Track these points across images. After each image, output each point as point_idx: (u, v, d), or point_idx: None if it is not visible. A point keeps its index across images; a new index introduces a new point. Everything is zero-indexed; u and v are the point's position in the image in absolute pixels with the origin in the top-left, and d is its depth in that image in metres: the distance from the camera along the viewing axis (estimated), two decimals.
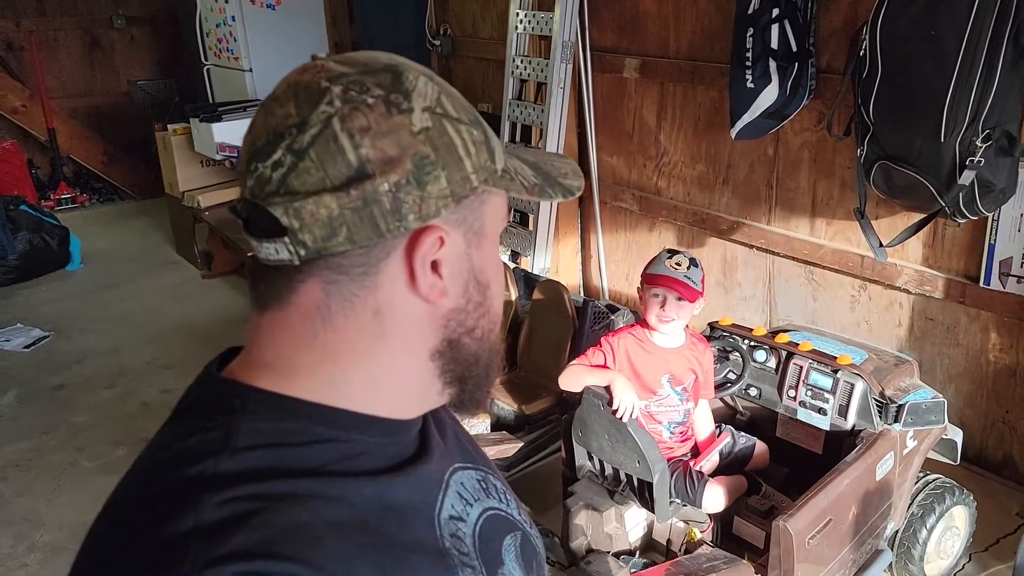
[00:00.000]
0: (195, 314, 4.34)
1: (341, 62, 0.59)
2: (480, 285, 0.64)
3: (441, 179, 0.58)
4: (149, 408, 3.42)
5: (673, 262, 1.97)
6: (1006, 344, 2.52)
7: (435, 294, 0.61)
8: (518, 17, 3.58)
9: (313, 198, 0.55)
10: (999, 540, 2.32)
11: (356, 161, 0.55)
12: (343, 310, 0.59)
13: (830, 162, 2.80)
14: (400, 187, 0.56)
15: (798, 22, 2.61)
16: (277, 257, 0.57)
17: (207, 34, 5.27)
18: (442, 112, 0.59)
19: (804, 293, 3.04)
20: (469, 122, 0.61)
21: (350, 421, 0.62)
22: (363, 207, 0.56)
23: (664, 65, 3.25)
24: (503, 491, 0.75)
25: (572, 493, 2.11)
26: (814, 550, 1.76)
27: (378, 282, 0.59)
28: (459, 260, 0.62)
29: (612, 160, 3.63)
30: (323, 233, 0.56)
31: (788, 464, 2.23)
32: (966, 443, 2.27)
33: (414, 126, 0.57)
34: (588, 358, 2.04)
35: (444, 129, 0.58)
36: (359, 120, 0.56)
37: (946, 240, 2.57)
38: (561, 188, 0.66)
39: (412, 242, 0.58)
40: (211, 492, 0.54)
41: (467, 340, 0.64)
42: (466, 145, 0.59)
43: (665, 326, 1.99)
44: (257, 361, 0.62)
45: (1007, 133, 2.09)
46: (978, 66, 2.01)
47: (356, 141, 0.55)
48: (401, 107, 0.57)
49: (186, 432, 0.60)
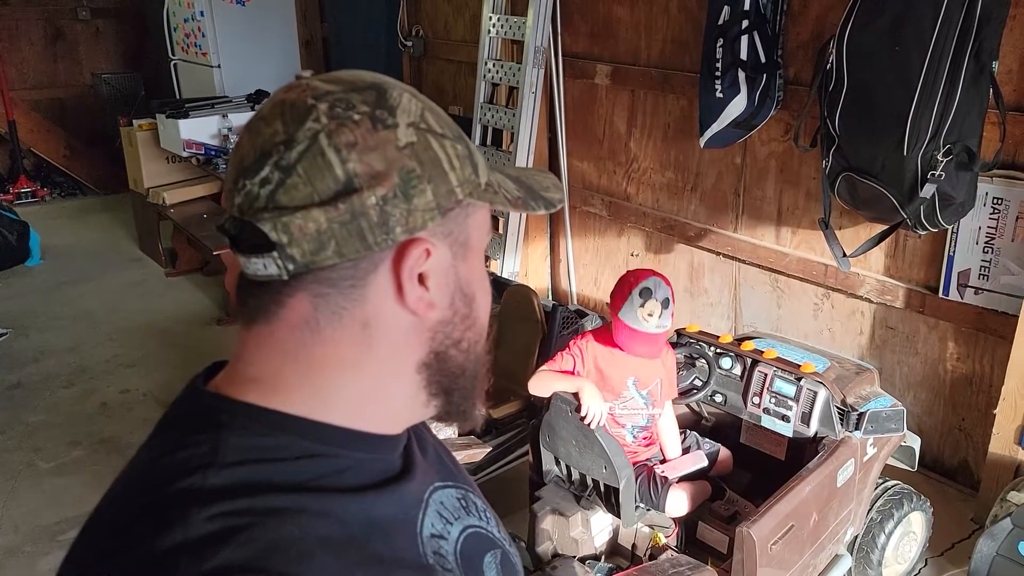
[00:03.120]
0: (158, 312, 4.27)
1: (326, 80, 0.60)
2: (466, 297, 0.65)
3: (427, 192, 0.59)
4: (108, 408, 3.35)
5: (646, 312, 1.89)
6: (963, 353, 2.58)
7: (422, 306, 0.61)
8: (491, 21, 3.59)
9: (301, 212, 0.56)
10: (954, 545, 2.37)
11: (344, 176, 0.56)
12: (331, 323, 0.60)
13: (796, 172, 2.84)
14: (387, 200, 0.57)
15: (767, 34, 2.65)
16: (266, 272, 0.58)
17: (175, 28, 5.20)
18: (426, 127, 0.60)
19: (769, 300, 3.08)
20: (453, 137, 0.62)
21: (337, 436, 0.62)
22: (351, 220, 0.56)
23: (635, 72, 3.28)
24: (483, 509, 0.75)
25: (539, 498, 2.11)
26: (776, 555, 1.78)
27: (366, 295, 0.60)
28: (446, 272, 0.62)
29: (582, 165, 3.65)
30: (312, 247, 0.56)
31: (752, 470, 2.26)
32: (923, 450, 2.32)
33: (400, 141, 0.58)
34: (557, 362, 2.04)
35: (429, 144, 0.59)
36: (346, 136, 0.56)
37: (907, 251, 2.63)
38: (543, 201, 0.68)
39: (399, 254, 0.59)
40: (199, 507, 0.54)
41: (454, 352, 0.65)
42: (450, 159, 0.60)
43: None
44: (244, 375, 0.62)
45: (967, 148, 2.15)
46: (940, 82, 2.06)
47: (343, 156, 0.56)
48: (386, 123, 0.58)
49: (172, 446, 0.60)
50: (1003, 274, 2.39)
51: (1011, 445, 2.39)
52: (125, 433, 3.12)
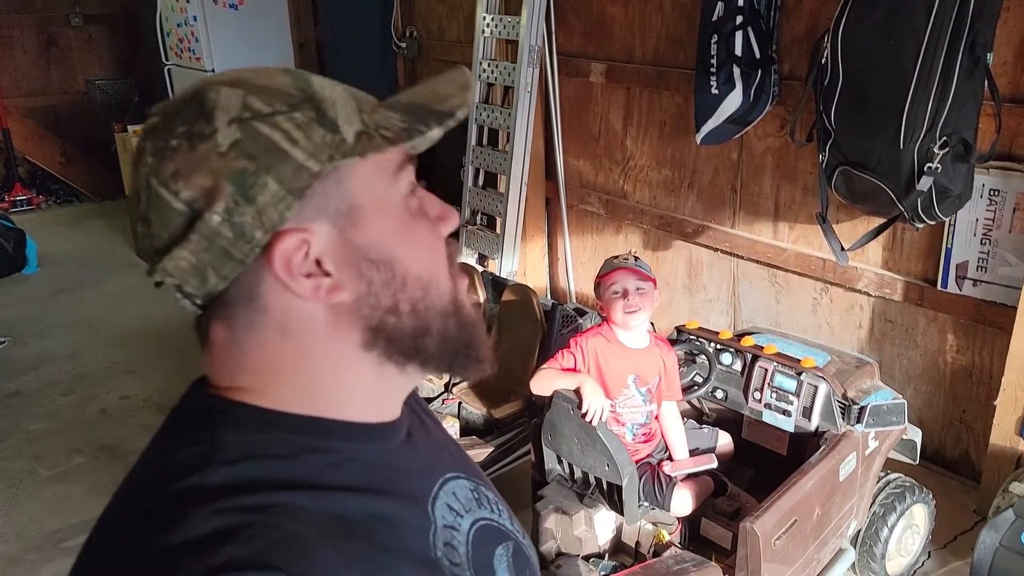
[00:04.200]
0: (156, 318, 4.25)
1: (157, 111, 0.60)
2: (378, 263, 0.61)
3: (269, 184, 0.56)
4: (108, 415, 3.35)
5: (620, 259, 2.04)
6: (963, 345, 2.59)
7: (323, 293, 0.59)
8: (485, 21, 3.58)
9: (168, 256, 0.58)
10: (957, 537, 2.38)
11: (183, 207, 0.57)
12: (251, 339, 0.61)
13: (793, 167, 2.84)
14: (231, 211, 0.56)
15: (761, 29, 2.65)
16: (191, 308, 0.62)
17: (168, 34, 5.18)
18: (251, 114, 0.57)
19: (768, 296, 3.09)
20: (288, 108, 0.58)
21: (332, 429, 0.62)
22: (210, 245, 0.57)
23: (630, 70, 3.28)
24: (495, 501, 0.75)
25: (541, 497, 2.11)
26: (780, 550, 1.79)
27: (266, 304, 0.60)
28: (338, 248, 0.59)
29: (579, 164, 3.65)
30: (196, 280, 0.58)
31: (753, 465, 2.27)
32: (925, 442, 2.32)
33: (220, 146, 0.56)
34: (558, 361, 2.04)
35: (256, 132, 0.56)
36: (168, 167, 0.57)
37: (905, 244, 2.63)
38: (437, 116, 0.61)
39: (270, 255, 0.58)
40: (200, 505, 0.55)
41: (392, 320, 0.62)
42: (289, 135, 0.57)
43: (632, 318, 2.00)
44: (229, 383, 0.64)
45: (963, 140, 2.15)
46: (935, 75, 2.06)
47: (173, 188, 0.57)
48: (204, 133, 0.56)
49: (172, 446, 0.61)
50: (1001, 265, 2.40)
51: (1012, 436, 2.40)
52: (126, 439, 3.12)
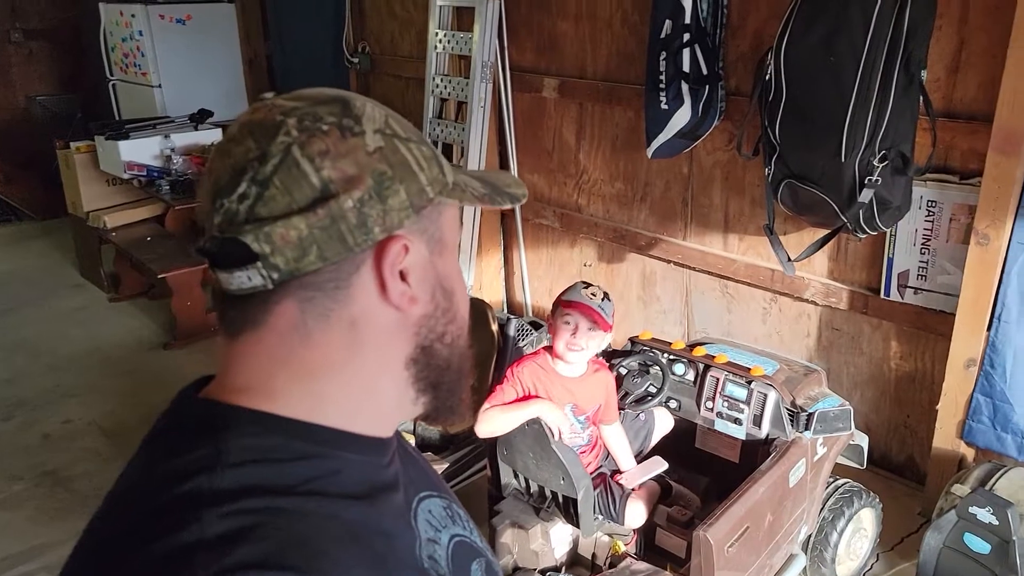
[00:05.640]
0: (102, 339, 4.15)
1: (290, 99, 0.63)
2: (446, 291, 0.68)
3: (400, 192, 0.62)
4: (51, 440, 3.23)
5: (589, 292, 1.99)
6: (906, 352, 2.66)
7: (405, 301, 0.64)
8: (437, 36, 3.60)
9: (282, 221, 0.58)
10: (903, 539, 2.43)
11: (319, 183, 0.59)
12: (320, 325, 0.62)
13: (741, 180, 2.91)
14: (364, 202, 0.60)
15: (708, 47, 2.71)
16: (250, 284, 0.60)
17: (112, 48, 5.09)
18: (392, 133, 0.63)
19: (719, 306, 3.14)
20: (418, 140, 0.65)
21: (330, 437, 0.64)
22: (331, 225, 0.59)
23: (582, 85, 3.32)
24: (466, 519, 0.78)
25: (498, 512, 2.11)
26: (733, 557, 1.81)
27: (351, 295, 0.62)
28: (424, 267, 0.65)
29: (533, 178, 3.67)
30: (295, 254, 0.59)
31: (708, 474, 2.30)
32: (871, 447, 2.38)
33: (368, 147, 0.61)
34: (499, 396, 2.01)
35: (396, 147, 0.63)
36: (317, 145, 0.59)
37: (849, 254, 2.71)
38: (508, 196, 0.72)
39: (380, 252, 0.62)
40: (210, 507, 0.55)
41: (439, 346, 0.68)
42: (418, 161, 0.64)
43: (572, 354, 1.97)
44: (234, 385, 0.64)
45: (901, 154, 2.22)
46: (874, 91, 2.14)
47: (317, 164, 0.59)
48: (354, 130, 0.61)
49: (169, 454, 0.60)
50: (940, 274, 2.48)
51: (954, 439, 2.47)
52: (69, 464, 3.01)
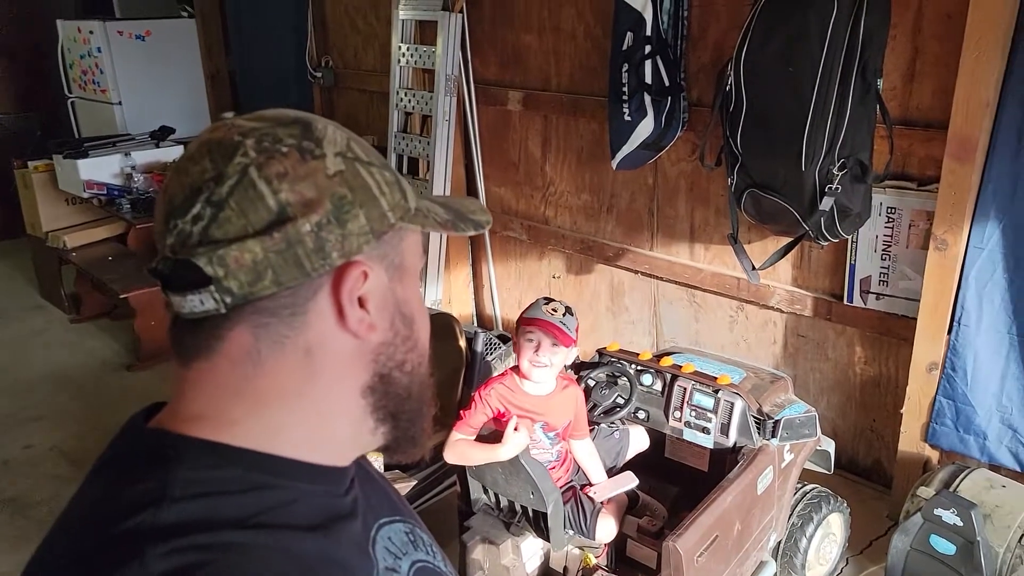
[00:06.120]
0: (63, 361, 4.05)
1: (250, 119, 0.62)
2: (405, 318, 0.66)
3: (360, 217, 0.61)
4: (10, 466, 3.14)
5: (550, 308, 1.98)
6: (870, 357, 2.70)
7: (363, 328, 0.63)
8: (400, 50, 3.59)
9: (237, 244, 0.57)
10: (872, 543, 2.46)
11: (276, 205, 0.57)
12: (274, 353, 0.61)
13: (705, 190, 2.93)
14: (322, 226, 0.59)
15: (669, 58, 2.73)
16: (203, 308, 0.58)
17: (71, 65, 5.01)
18: (353, 156, 0.62)
19: (687, 315, 3.16)
20: (380, 165, 0.64)
21: (286, 468, 0.62)
22: (287, 249, 0.58)
23: (546, 98, 3.33)
24: (429, 543, 0.76)
25: (468, 527, 2.09)
26: (703, 566, 1.81)
27: (307, 321, 0.61)
28: (384, 294, 0.64)
29: (500, 191, 3.67)
30: (249, 278, 0.57)
31: (678, 483, 2.30)
32: (838, 452, 2.40)
33: (328, 170, 0.60)
34: (467, 420, 2.00)
35: (357, 171, 0.62)
36: (275, 167, 0.58)
37: (812, 262, 2.74)
38: (472, 223, 0.71)
39: (338, 278, 0.60)
40: (153, 544, 0.53)
41: (397, 374, 0.66)
42: (379, 185, 0.63)
43: (537, 372, 1.96)
44: (187, 414, 0.62)
45: (860, 162, 2.26)
46: (832, 100, 2.17)
47: (274, 187, 0.58)
48: (314, 153, 0.60)
49: (117, 485, 0.58)
50: (901, 279, 2.52)
51: (918, 442, 2.51)
52: (30, 491, 2.93)
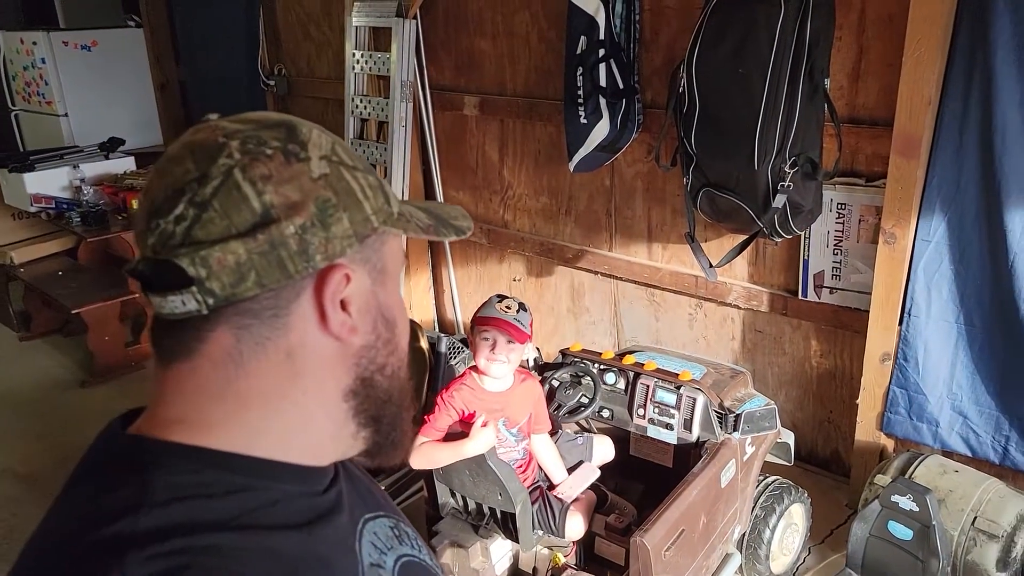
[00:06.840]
0: (14, 380, 3.94)
1: (235, 121, 0.61)
2: (387, 322, 0.67)
3: (344, 220, 0.61)
4: None
5: (503, 306, 2.00)
6: (825, 350, 2.76)
7: (345, 331, 0.63)
8: (355, 57, 3.57)
9: (220, 245, 0.57)
10: (832, 531, 2.51)
11: (260, 207, 0.57)
12: (255, 355, 0.60)
13: (661, 190, 2.97)
14: (306, 229, 0.59)
15: (623, 61, 2.77)
16: (184, 309, 0.58)
17: (13, 77, 4.89)
18: (338, 160, 0.62)
19: (647, 314, 3.19)
20: (364, 169, 0.65)
21: (266, 469, 0.62)
22: (270, 250, 0.58)
23: (502, 102, 3.35)
24: (414, 537, 0.76)
25: (436, 532, 2.09)
26: (671, 561, 1.83)
27: (289, 323, 0.61)
28: (366, 297, 0.64)
29: (459, 195, 3.67)
30: (231, 279, 0.57)
31: (643, 480, 2.32)
32: (798, 444, 2.45)
33: (313, 173, 0.60)
34: (432, 424, 2.00)
35: (342, 175, 0.62)
36: (260, 169, 0.58)
37: (767, 258, 2.80)
38: (454, 228, 0.71)
39: (321, 281, 0.61)
40: (134, 550, 0.53)
41: (379, 378, 0.67)
42: (363, 189, 0.63)
43: (495, 367, 1.98)
44: (166, 417, 0.61)
45: (810, 160, 2.32)
46: (781, 100, 2.22)
47: (259, 188, 0.58)
48: (299, 156, 0.60)
49: (95, 492, 0.58)
50: (852, 273, 2.58)
51: (874, 432, 2.57)
52: None
